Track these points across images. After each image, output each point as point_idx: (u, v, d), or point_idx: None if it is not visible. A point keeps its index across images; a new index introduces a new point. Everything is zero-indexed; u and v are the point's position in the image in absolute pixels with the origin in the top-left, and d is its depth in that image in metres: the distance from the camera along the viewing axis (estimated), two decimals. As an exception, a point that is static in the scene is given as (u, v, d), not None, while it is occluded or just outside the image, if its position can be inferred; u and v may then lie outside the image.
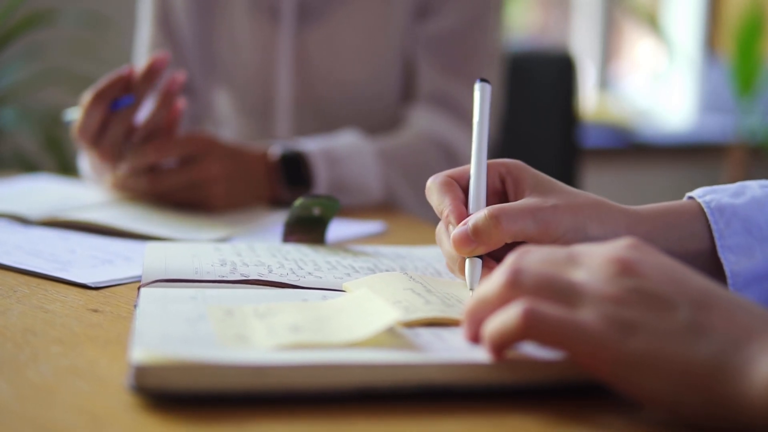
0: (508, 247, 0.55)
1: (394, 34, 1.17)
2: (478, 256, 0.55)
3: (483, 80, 0.63)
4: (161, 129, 0.91)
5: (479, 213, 0.54)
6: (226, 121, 1.25)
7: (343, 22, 1.16)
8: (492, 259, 0.57)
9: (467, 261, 0.56)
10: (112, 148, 0.90)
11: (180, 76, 0.91)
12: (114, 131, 0.89)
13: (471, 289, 0.55)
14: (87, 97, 0.88)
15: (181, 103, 0.92)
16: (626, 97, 3.43)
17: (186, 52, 1.20)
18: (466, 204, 0.58)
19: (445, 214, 0.57)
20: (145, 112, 0.92)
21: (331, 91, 1.17)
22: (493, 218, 0.53)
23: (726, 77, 3.13)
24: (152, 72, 0.89)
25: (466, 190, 0.59)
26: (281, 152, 0.98)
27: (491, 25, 1.19)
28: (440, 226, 0.59)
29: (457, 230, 0.55)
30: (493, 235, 0.54)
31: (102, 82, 0.88)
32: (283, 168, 0.98)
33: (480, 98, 0.62)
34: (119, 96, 0.88)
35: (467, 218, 0.55)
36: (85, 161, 1.03)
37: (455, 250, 0.55)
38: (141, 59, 1.22)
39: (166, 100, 0.90)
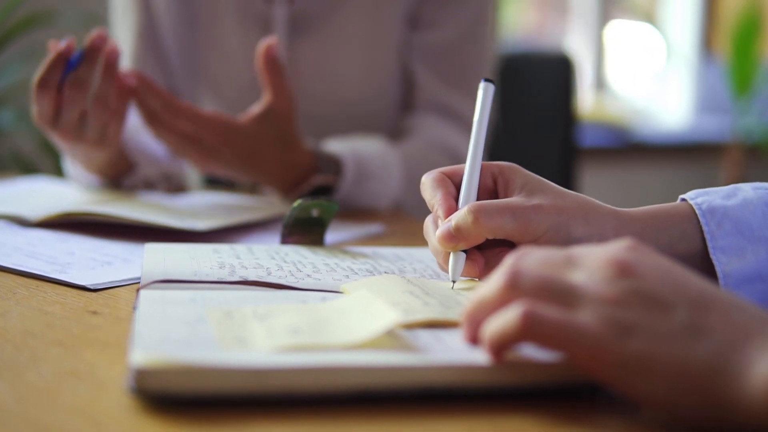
0: (497, 244, 0.57)
1: (387, 46, 1.15)
2: (464, 250, 0.57)
3: (487, 80, 0.64)
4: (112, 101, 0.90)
5: (461, 210, 0.56)
6: None
7: (336, 34, 1.14)
8: (479, 252, 0.58)
9: (450, 254, 0.57)
10: (69, 128, 0.89)
11: (114, 45, 0.88)
12: (67, 113, 0.88)
13: (453, 281, 0.57)
14: (33, 85, 0.87)
15: (130, 78, 0.90)
16: (623, 96, 3.44)
17: (169, 63, 1.18)
18: (457, 200, 0.59)
19: (435, 208, 0.58)
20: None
21: (323, 101, 1.14)
22: (471, 214, 0.55)
23: (723, 77, 3.14)
24: (93, 50, 0.87)
25: (459, 188, 0.60)
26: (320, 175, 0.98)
27: (489, 33, 1.18)
28: (428, 220, 0.61)
29: (441, 227, 0.57)
30: (472, 230, 0.55)
31: (41, 68, 0.87)
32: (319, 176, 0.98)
33: (482, 98, 0.63)
34: (63, 70, 0.87)
35: (451, 215, 0.57)
36: (68, 162, 1.02)
37: (440, 245, 0.57)
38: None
39: (108, 71, 0.88)
